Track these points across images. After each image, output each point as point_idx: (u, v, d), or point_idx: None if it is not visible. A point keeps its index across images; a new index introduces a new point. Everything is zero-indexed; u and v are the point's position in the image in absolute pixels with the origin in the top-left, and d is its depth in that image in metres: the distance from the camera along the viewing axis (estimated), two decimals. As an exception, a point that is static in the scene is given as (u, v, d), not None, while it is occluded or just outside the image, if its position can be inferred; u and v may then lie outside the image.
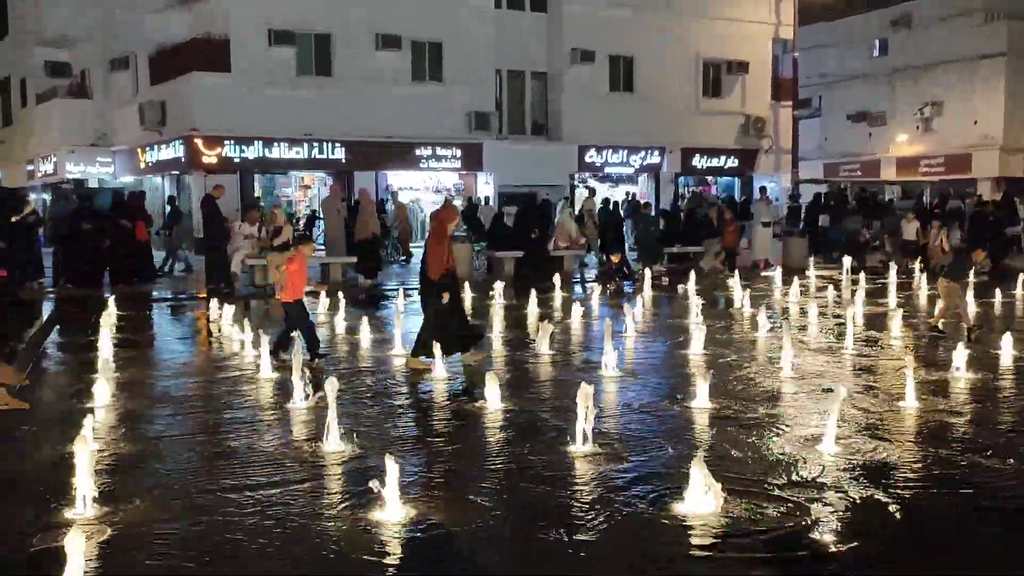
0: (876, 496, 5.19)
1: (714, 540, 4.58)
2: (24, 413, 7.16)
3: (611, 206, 22.37)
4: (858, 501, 5.11)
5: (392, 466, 4.81)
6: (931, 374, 8.49)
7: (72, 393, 7.95)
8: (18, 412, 7.15)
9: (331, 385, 6.14)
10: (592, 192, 24.75)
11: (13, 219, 7.85)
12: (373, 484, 4.83)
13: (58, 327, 12.02)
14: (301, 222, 24.11)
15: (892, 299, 14.05)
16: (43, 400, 7.91)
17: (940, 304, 11.01)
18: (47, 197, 27.67)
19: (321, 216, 23.66)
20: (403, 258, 22.81)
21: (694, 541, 4.58)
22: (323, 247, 18.67)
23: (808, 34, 34.27)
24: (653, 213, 21.80)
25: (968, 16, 32.98)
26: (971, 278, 11.88)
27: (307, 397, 7.26)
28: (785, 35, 29.32)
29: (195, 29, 22.98)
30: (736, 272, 16.62)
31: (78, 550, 3.71)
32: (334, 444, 6.10)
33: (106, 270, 16.76)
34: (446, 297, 8.88)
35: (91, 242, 16.25)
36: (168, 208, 21.69)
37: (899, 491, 5.29)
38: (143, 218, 18.00)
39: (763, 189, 23.64)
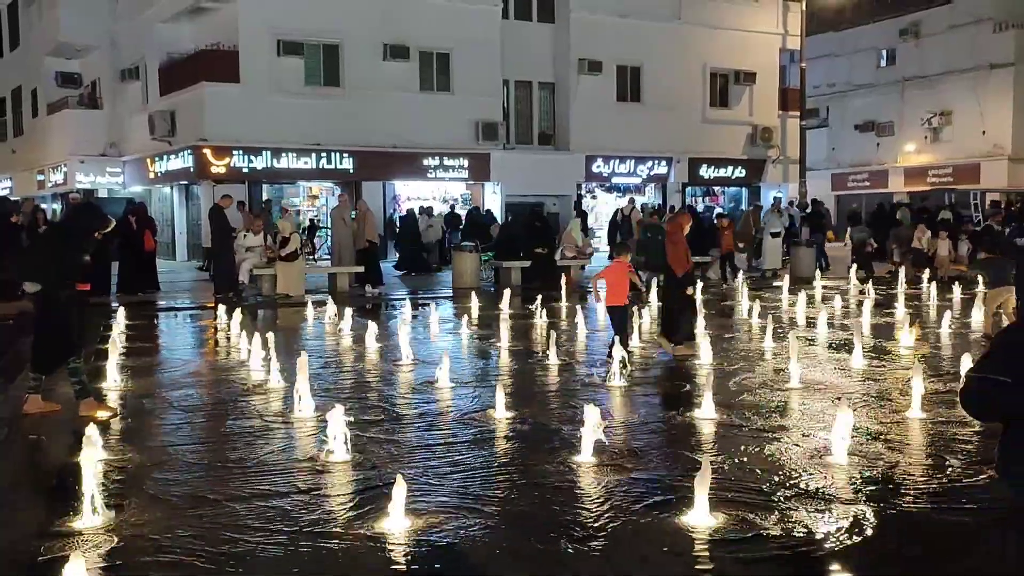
0: (883, 507, 5.17)
1: (718, 551, 4.57)
2: (33, 422, 7.20)
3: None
4: (865, 512, 5.09)
5: (398, 476, 4.82)
6: (938, 383, 8.47)
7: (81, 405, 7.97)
8: (25, 420, 7.20)
9: (336, 411, 6.14)
10: (632, 201, 24.74)
11: (97, 235, 7.93)
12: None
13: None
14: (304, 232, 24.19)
15: (900, 309, 14.01)
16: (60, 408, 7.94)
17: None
18: (57, 207, 27.85)
19: (323, 226, 23.75)
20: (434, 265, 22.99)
21: (698, 552, 4.57)
22: (327, 257, 18.75)
23: (816, 44, 34.30)
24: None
25: (977, 25, 32.96)
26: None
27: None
28: (792, 45, 29.35)
29: (204, 39, 23.16)
30: (739, 280, 16.61)
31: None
32: (339, 453, 6.11)
33: (112, 278, 16.83)
34: (690, 290, 10.13)
35: (102, 253, 16.29)
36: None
37: (906, 502, 5.27)
38: (149, 227, 18.07)
39: (777, 200, 23.58)
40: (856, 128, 37.52)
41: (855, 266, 19.03)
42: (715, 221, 21.93)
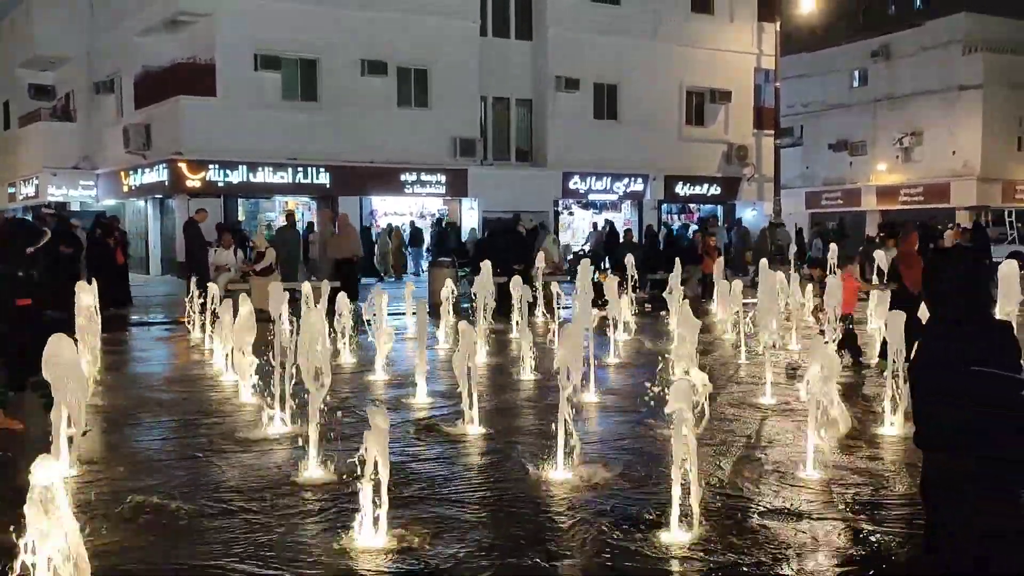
0: (858, 523, 5.20)
1: (693, 567, 4.57)
2: (3, 439, 7.08)
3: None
4: (840, 528, 5.12)
5: (368, 494, 4.79)
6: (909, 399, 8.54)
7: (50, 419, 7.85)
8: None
9: (313, 407, 6.10)
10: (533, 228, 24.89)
11: (29, 250, 7.92)
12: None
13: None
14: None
15: (870, 324, 14.13)
16: (24, 425, 7.81)
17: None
18: (27, 219, 27.51)
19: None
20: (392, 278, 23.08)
21: (673, 568, 4.57)
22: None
23: (790, 64, 34.77)
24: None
25: (946, 48, 33.58)
26: None
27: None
28: (767, 65, 29.72)
29: (181, 53, 23.04)
30: (715, 299, 16.73)
31: None
32: (313, 471, 6.06)
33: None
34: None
35: (71, 267, 16.12)
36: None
37: (882, 518, 5.30)
38: (121, 241, 17.90)
39: (712, 218, 23.94)
40: (830, 147, 38.03)
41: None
42: (693, 239, 22.03)
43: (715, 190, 29.72)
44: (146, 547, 4.84)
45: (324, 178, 23.43)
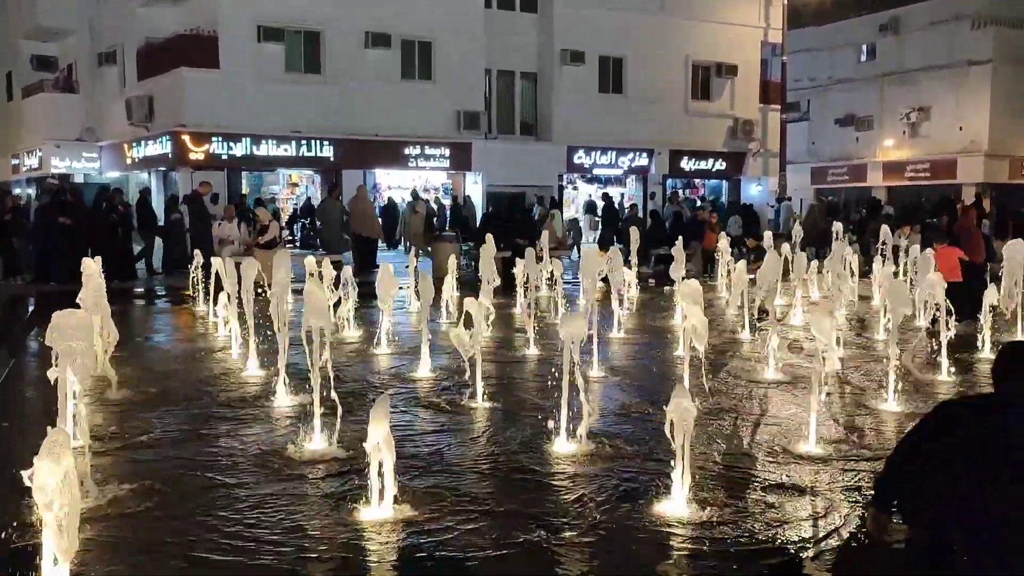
0: (858, 499, 5.22)
1: (696, 541, 4.59)
2: (4, 412, 7.12)
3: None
4: (842, 503, 5.14)
5: (377, 467, 4.81)
6: (912, 375, 8.55)
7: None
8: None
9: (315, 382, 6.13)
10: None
11: None
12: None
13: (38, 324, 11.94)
14: (284, 219, 24.07)
15: (877, 302, 14.12)
16: (26, 398, 7.86)
17: None
18: (31, 192, 27.51)
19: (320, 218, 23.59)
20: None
21: (677, 543, 4.60)
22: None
23: (797, 38, 34.42)
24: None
25: (956, 23, 33.20)
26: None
27: None
28: (774, 39, 29.46)
29: (184, 24, 22.88)
30: (718, 275, 16.72)
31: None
32: (318, 444, 6.09)
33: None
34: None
35: (68, 237, 16.13)
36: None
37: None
38: (124, 215, 17.89)
39: (674, 193, 24.10)
40: (836, 122, 37.73)
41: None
42: (696, 216, 21.96)
43: (720, 165, 29.58)
44: (148, 519, 4.87)
45: (328, 151, 23.34)
